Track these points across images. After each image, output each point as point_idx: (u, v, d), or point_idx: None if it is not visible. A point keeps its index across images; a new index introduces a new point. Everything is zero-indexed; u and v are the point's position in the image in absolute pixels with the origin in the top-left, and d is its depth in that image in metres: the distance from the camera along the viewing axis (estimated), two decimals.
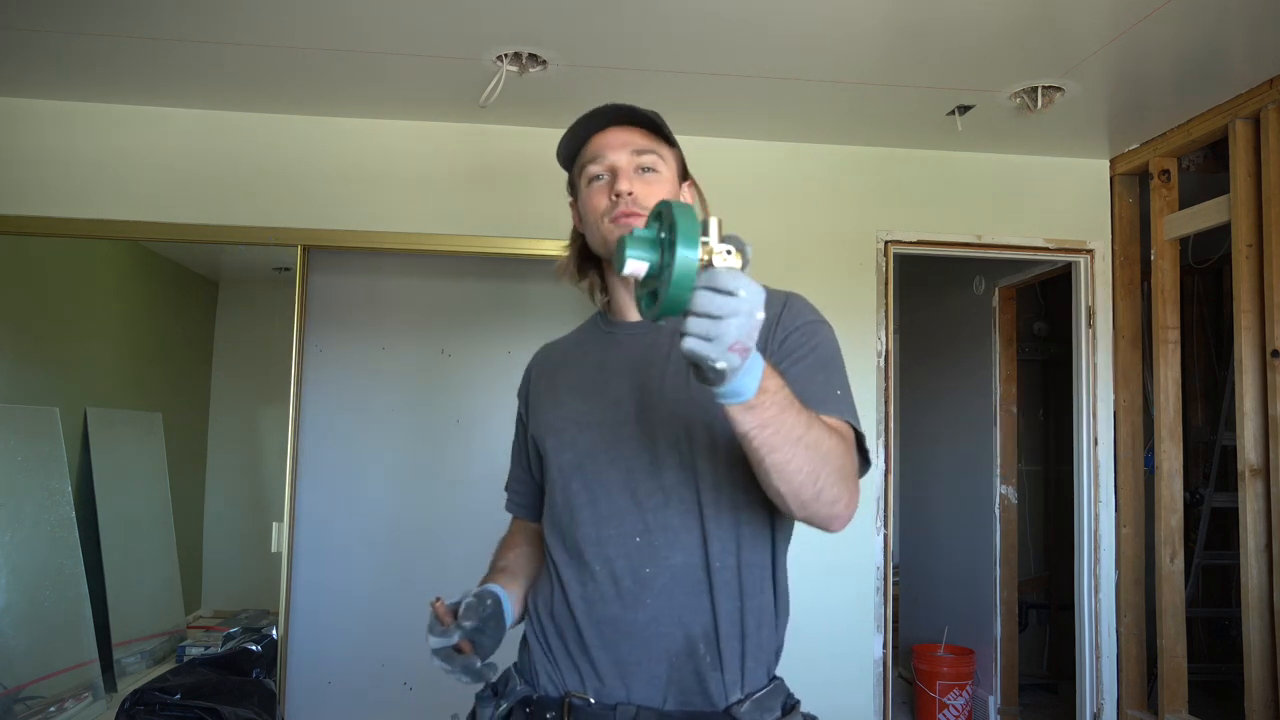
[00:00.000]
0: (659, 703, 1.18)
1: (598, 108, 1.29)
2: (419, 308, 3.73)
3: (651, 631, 1.18)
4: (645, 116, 1.28)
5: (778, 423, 0.99)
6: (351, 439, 3.61)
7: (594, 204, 1.28)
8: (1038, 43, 2.62)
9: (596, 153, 1.28)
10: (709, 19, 2.51)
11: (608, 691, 1.19)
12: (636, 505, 1.20)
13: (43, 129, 3.19)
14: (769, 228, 3.44)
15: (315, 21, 2.56)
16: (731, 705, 1.17)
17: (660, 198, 1.23)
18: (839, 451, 1.08)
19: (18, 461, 3.37)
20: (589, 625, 1.20)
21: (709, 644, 1.18)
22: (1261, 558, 2.88)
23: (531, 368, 1.46)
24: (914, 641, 4.57)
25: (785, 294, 1.30)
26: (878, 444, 3.43)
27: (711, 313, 0.88)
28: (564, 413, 1.31)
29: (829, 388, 1.20)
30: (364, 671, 3.56)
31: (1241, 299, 2.95)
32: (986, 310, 4.42)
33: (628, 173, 1.26)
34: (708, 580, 1.19)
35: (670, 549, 1.19)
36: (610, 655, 1.19)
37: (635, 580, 1.19)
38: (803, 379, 1.16)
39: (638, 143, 1.28)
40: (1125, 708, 3.43)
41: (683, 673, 1.18)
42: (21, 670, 3.22)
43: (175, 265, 4.00)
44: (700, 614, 1.18)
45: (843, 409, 1.19)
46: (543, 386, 1.39)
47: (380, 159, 3.32)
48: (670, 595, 1.18)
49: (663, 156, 1.31)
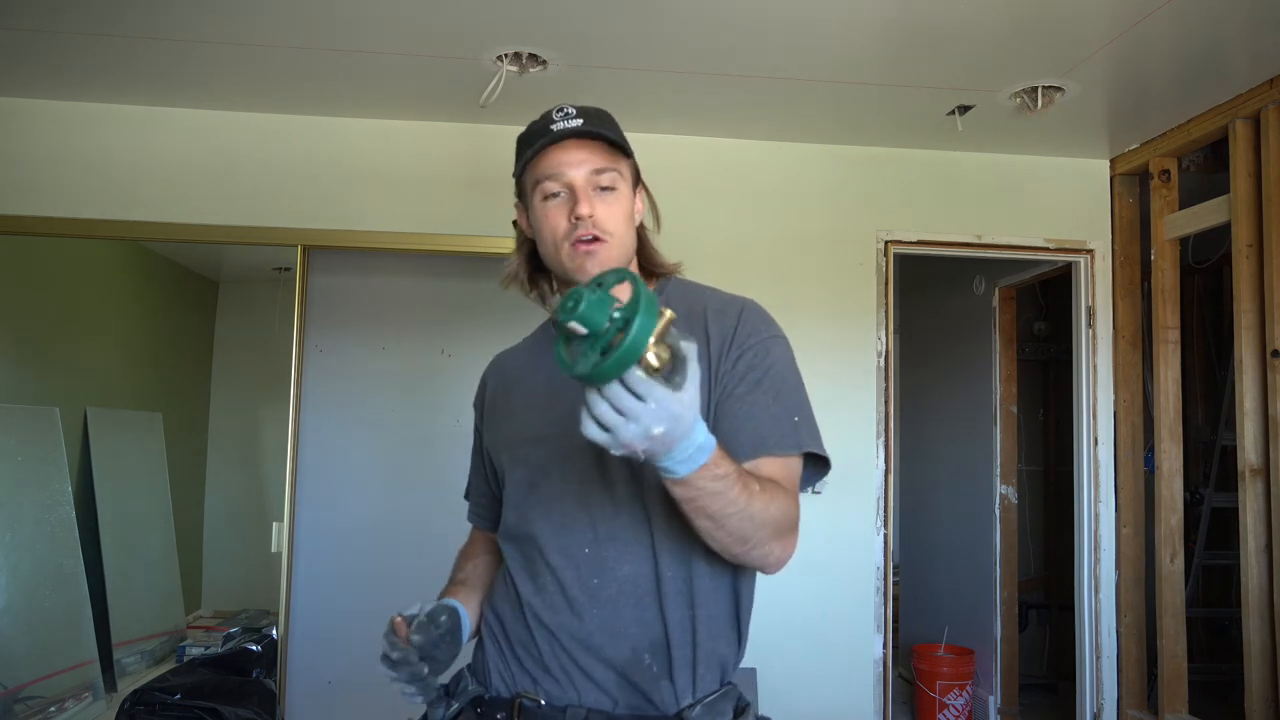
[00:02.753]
0: (609, 706, 1.18)
1: (556, 123, 1.23)
2: (418, 308, 3.72)
3: (597, 641, 1.19)
4: (603, 134, 1.23)
5: (710, 499, 1.02)
6: (351, 439, 3.61)
7: (552, 223, 1.23)
8: (1038, 43, 2.62)
9: (553, 170, 1.23)
10: (709, 19, 2.51)
11: (559, 694, 1.19)
12: (589, 517, 1.20)
13: (43, 129, 3.19)
14: (769, 227, 3.44)
15: (315, 21, 2.56)
16: (683, 709, 1.17)
17: (617, 219, 1.23)
18: (777, 517, 1.10)
19: (18, 461, 3.37)
20: (540, 631, 1.21)
21: (656, 654, 1.18)
22: (1261, 558, 2.88)
23: (487, 378, 1.44)
24: (914, 641, 4.57)
25: (741, 302, 1.28)
26: (878, 444, 3.43)
27: (617, 407, 0.89)
28: (517, 427, 1.31)
29: (785, 418, 1.19)
30: (364, 671, 3.55)
31: (1241, 299, 2.95)
32: (986, 310, 4.41)
33: (586, 193, 1.22)
34: (656, 591, 1.18)
35: (619, 560, 1.19)
36: (559, 661, 1.20)
37: (583, 591, 1.19)
38: (758, 413, 1.17)
39: (596, 161, 1.23)
40: (1125, 708, 3.43)
41: (631, 681, 1.18)
42: (21, 670, 3.22)
43: (175, 265, 4.00)
44: (646, 625, 1.18)
45: (801, 437, 1.19)
46: (498, 400, 1.38)
47: (380, 159, 3.32)
48: (615, 607, 1.18)
49: (621, 173, 1.26)
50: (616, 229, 1.23)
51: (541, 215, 1.25)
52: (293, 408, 3.29)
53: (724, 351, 1.22)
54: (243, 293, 4.12)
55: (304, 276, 3.30)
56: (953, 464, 4.74)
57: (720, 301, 1.29)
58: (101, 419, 3.68)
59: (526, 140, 1.27)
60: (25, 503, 3.39)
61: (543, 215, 1.25)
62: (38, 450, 3.43)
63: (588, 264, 1.22)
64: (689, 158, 3.44)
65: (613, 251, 1.23)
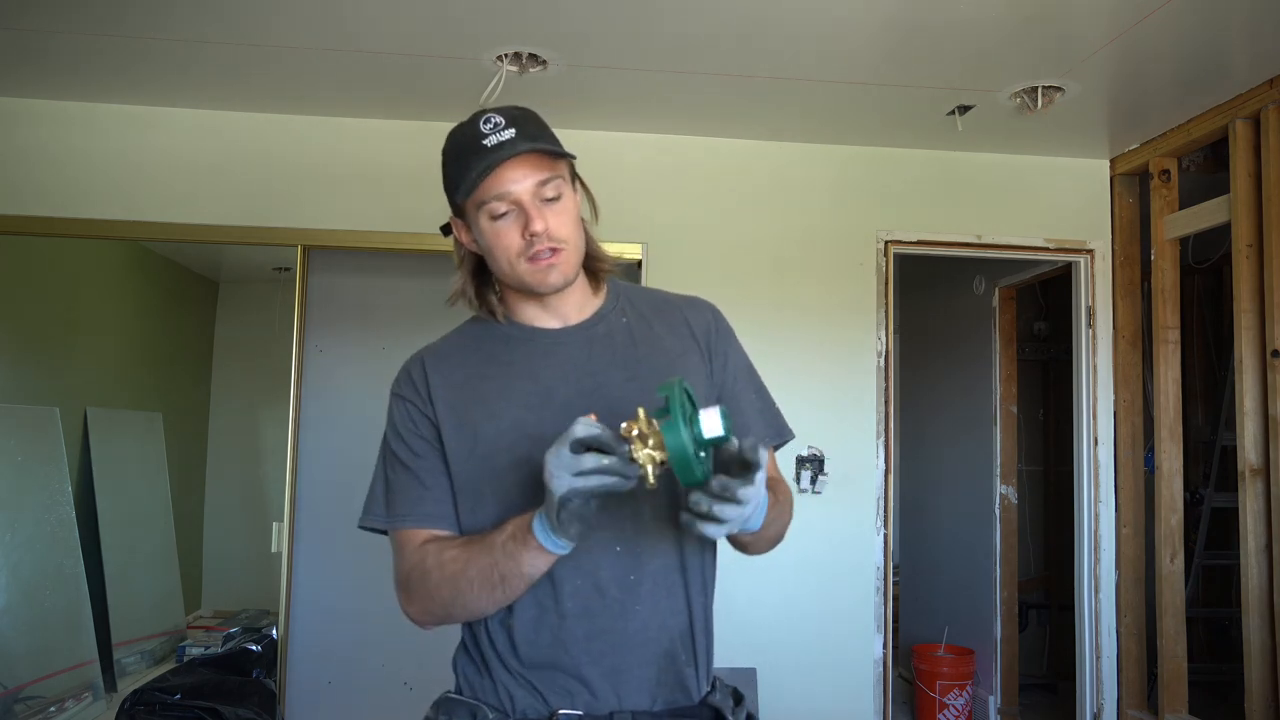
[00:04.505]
0: (649, 704, 1.19)
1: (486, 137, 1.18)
2: (419, 308, 3.72)
3: (641, 638, 1.19)
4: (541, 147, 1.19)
5: (768, 530, 1.17)
6: (351, 439, 3.60)
7: (505, 242, 1.20)
8: (1038, 43, 2.62)
9: (498, 190, 1.19)
10: (709, 19, 2.51)
11: (599, 703, 1.18)
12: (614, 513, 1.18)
13: (43, 129, 3.19)
14: (769, 227, 3.44)
15: (316, 22, 2.56)
16: (706, 696, 1.24)
17: (568, 225, 1.21)
18: (790, 512, 1.28)
19: (18, 461, 3.37)
20: (575, 640, 1.18)
21: (685, 642, 1.22)
22: (1261, 558, 2.88)
23: (429, 376, 1.28)
24: (914, 641, 4.57)
25: (701, 300, 1.37)
26: (878, 444, 3.43)
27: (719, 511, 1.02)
28: (508, 424, 1.22)
29: (770, 411, 1.35)
30: (364, 671, 3.56)
31: (1241, 299, 2.95)
32: (986, 310, 4.41)
33: (535, 207, 1.19)
34: (683, 579, 1.22)
35: (651, 554, 1.20)
36: (600, 667, 1.18)
37: (621, 589, 1.18)
38: (753, 411, 1.32)
39: (539, 173, 1.19)
40: (1125, 708, 3.43)
41: (668, 673, 1.20)
42: (21, 670, 3.22)
43: (175, 265, 4.00)
44: (679, 614, 1.22)
45: (782, 426, 1.36)
46: (457, 398, 1.25)
47: (380, 159, 3.32)
48: (655, 600, 1.20)
49: (563, 177, 1.22)
50: (570, 235, 1.22)
51: (492, 235, 1.21)
52: (293, 408, 3.29)
53: (710, 347, 1.32)
54: (243, 293, 4.13)
55: (304, 276, 3.30)
56: (953, 464, 4.74)
57: (683, 299, 1.38)
58: (101, 419, 3.68)
59: (456, 154, 1.23)
60: (25, 503, 3.39)
61: (493, 235, 1.21)
62: (38, 450, 3.43)
63: (550, 276, 1.21)
64: (688, 157, 3.44)
65: (570, 258, 1.22)
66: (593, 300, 1.32)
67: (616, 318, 1.31)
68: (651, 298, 1.37)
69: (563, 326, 1.29)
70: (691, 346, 1.30)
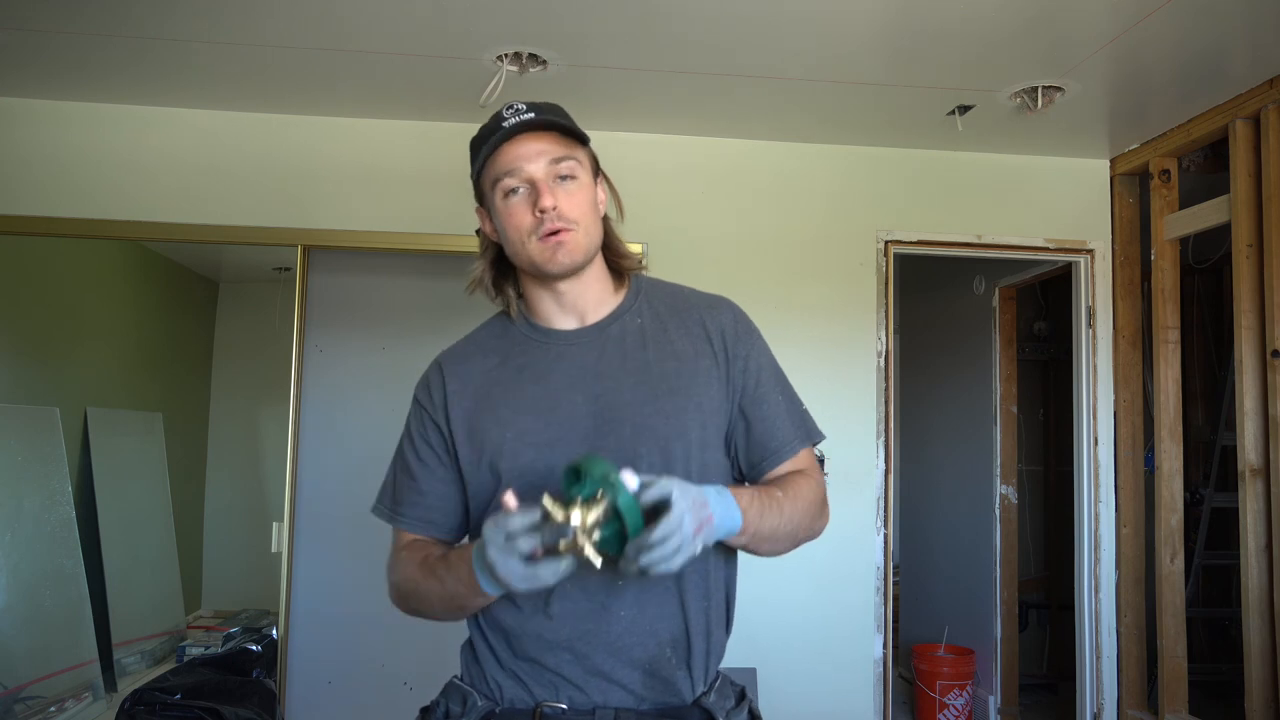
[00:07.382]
0: (635, 704, 1.20)
1: (507, 119, 1.21)
2: (419, 308, 3.72)
3: (625, 642, 1.19)
4: (557, 122, 1.22)
5: (761, 529, 1.18)
6: (351, 439, 3.61)
7: (516, 220, 1.21)
8: (1038, 43, 2.62)
9: (511, 165, 1.20)
10: (709, 19, 2.51)
11: (584, 698, 1.19)
12: None
13: (42, 129, 3.19)
14: (769, 227, 3.44)
15: (315, 21, 2.56)
16: (699, 697, 1.22)
17: (580, 208, 1.22)
18: (809, 504, 1.26)
19: (18, 461, 3.37)
20: (560, 639, 1.19)
21: (677, 647, 1.21)
22: (1261, 558, 2.88)
23: (446, 383, 1.31)
24: (914, 641, 4.57)
25: (723, 300, 1.35)
26: (878, 444, 3.43)
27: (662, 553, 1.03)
28: (514, 434, 1.23)
29: (797, 411, 1.33)
30: (364, 671, 3.56)
31: (1241, 299, 2.95)
32: (986, 310, 4.41)
33: (547, 185, 1.20)
34: (677, 585, 1.21)
35: None
36: (583, 666, 1.19)
37: (608, 593, 1.19)
38: (780, 413, 1.30)
39: (553, 150, 1.21)
40: (1125, 708, 3.43)
41: (654, 677, 1.20)
42: (21, 670, 3.22)
43: (175, 265, 4.00)
44: (670, 620, 1.21)
45: (810, 426, 1.34)
46: (471, 405, 1.28)
47: (380, 159, 3.32)
48: (641, 606, 1.20)
49: (579, 160, 1.24)
50: (581, 217, 1.22)
51: (505, 214, 1.23)
52: (293, 408, 3.29)
53: (730, 350, 1.29)
54: (243, 293, 4.12)
55: (304, 276, 3.30)
56: (953, 464, 4.74)
57: (704, 300, 1.36)
58: (101, 419, 3.68)
59: (480, 141, 1.25)
60: (25, 503, 3.39)
61: (506, 214, 1.23)
62: (38, 450, 3.43)
63: (558, 255, 1.21)
64: (688, 157, 3.44)
65: (580, 240, 1.22)
66: (612, 298, 1.32)
67: (632, 318, 1.31)
68: (673, 297, 1.35)
69: (578, 327, 1.29)
70: (705, 350, 1.29)
